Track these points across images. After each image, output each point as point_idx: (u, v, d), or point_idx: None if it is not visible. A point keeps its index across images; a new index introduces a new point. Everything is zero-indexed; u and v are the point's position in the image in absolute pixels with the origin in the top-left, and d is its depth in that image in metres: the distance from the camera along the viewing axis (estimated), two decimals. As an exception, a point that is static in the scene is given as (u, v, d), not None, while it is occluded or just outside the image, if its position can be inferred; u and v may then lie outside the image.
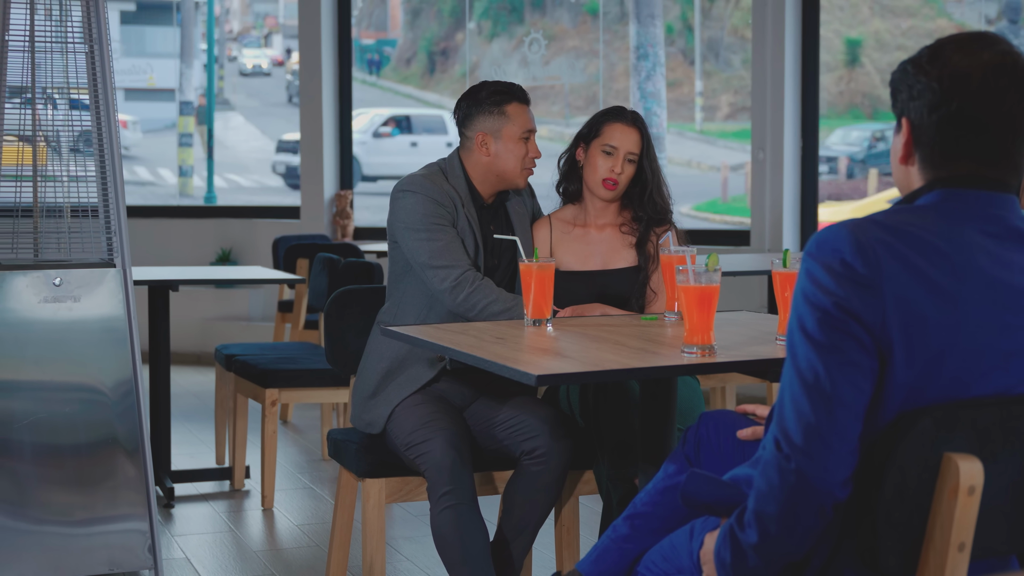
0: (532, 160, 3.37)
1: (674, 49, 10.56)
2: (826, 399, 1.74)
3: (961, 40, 1.84)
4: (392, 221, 3.33)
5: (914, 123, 1.85)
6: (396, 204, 3.31)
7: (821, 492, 1.75)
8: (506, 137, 3.34)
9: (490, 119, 3.34)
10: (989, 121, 1.81)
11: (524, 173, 3.38)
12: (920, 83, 1.83)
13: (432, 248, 3.23)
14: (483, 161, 3.35)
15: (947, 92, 1.81)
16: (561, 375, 2.44)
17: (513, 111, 3.35)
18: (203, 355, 8.11)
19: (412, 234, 3.25)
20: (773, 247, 6.86)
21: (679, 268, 2.61)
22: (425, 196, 3.26)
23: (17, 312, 3.45)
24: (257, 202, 14.85)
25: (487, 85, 3.40)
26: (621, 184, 3.42)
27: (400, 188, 3.32)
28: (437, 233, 3.24)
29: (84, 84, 3.51)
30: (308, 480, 5.08)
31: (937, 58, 1.83)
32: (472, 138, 3.36)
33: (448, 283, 3.21)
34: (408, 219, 3.27)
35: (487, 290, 3.21)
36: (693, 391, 3.36)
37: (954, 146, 1.83)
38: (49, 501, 3.46)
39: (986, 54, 1.81)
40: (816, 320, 1.76)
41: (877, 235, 1.77)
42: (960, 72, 1.81)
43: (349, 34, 8.32)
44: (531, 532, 3.18)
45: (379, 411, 3.26)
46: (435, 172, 3.35)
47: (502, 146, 3.34)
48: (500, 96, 3.35)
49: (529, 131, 3.36)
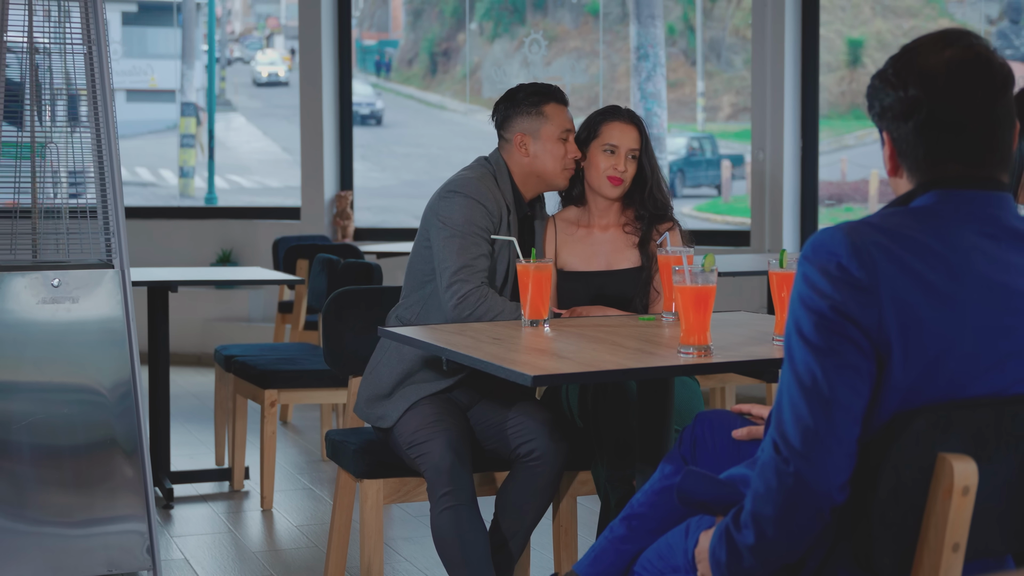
0: (572, 160, 3.37)
1: (676, 49, 10.55)
2: (824, 402, 1.74)
3: (924, 41, 1.83)
4: (430, 217, 3.29)
5: (894, 136, 1.85)
6: (443, 202, 3.26)
7: (819, 496, 1.74)
8: (545, 137, 3.34)
9: (528, 120, 3.34)
10: (964, 118, 1.80)
11: (565, 173, 3.38)
12: (889, 95, 1.83)
13: (460, 259, 3.19)
14: (523, 162, 3.35)
15: (916, 97, 1.80)
16: (557, 375, 2.44)
17: (551, 111, 3.35)
18: (203, 356, 8.12)
19: (447, 232, 3.21)
20: (773, 247, 6.86)
21: (675, 269, 2.61)
22: (476, 201, 3.24)
23: (15, 313, 3.45)
24: (259, 203, 14.86)
25: (524, 87, 3.40)
26: (626, 181, 3.42)
27: (452, 188, 3.27)
28: (470, 243, 3.20)
29: (83, 85, 3.51)
30: (307, 481, 5.08)
31: (901, 66, 1.82)
32: (511, 140, 3.36)
33: (456, 299, 3.16)
34: (450, 218, 3.23)
35: (490, 303, 3.17)
36: (692, 392, 3.36)
37: (936, 150, 1.82)
38: (47, 502, 3.46)
39: (948, 51, 1.80)
40: (813, 324, 1.75)
41: (873, 238, 1.76)
42: (926, 73, 1.80)
43: (349, 35, 8.32)
44: (525, 534, 3.18)
45: (396, 405, 3.23)
46: (486, 175, 3.32)
47: (541, 146, 3.34)
48: (538, 97, 3.36)
49: (568, 131, 3.36)
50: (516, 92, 3.40)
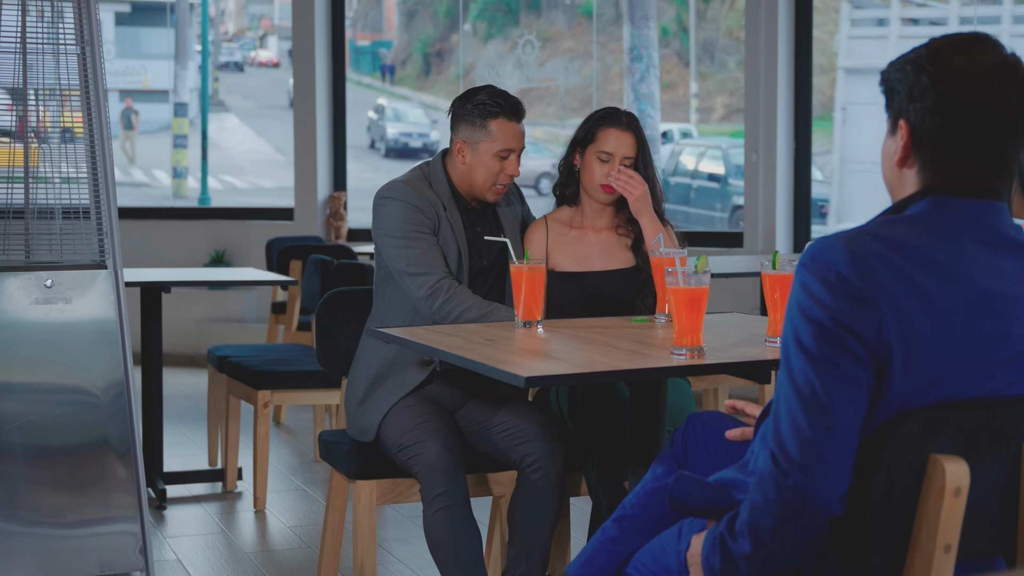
0: (507, 177, 3.32)
1: (669, 51, 10.56)
2: (824, 414, 1.73)
3: (958, 41, 1.81)
4: (374, 228, 3.32)
5: (914, 125, 1.82)
6: (377, 211, 3.30)
7: (818, 508, 1.74)
8: (482, 151, 3.30)
9: (471, 129, 3.31)
10: (990, 126, 1.79)
11: (494, 190, 3.33)
12: (921, 83, 1.80)
13: (409, 255, 3.22)
14: (460, 168, 3.34)
15: (950, 95, 1.78)
16: (550, 377, 2.44)
17: (497, 127, 3.29)
18: (196, 356, 8.11)
19: (391, 241, 3.25)
20: (766, 249, 6.86)
21: (668, 270, 2.62)
22: (405, 203, 3.25)
23: (8, 313, 3.44)
24: (253, 204, 14.85)
25: (481, 93, 3.33)
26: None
27: (381, 195, 3.30)
28: (415, 240, 3.23)
29: (76, 85, 3.51)
30: (300, 482, 5.07)
31: (937, 59, 1.80)
32: (453, 143, 3.36)
33: (424, 291, 3.20)
34: (387, 226, 3.26)
35: (461, 297, 3.19)
36: (684, 393, 3.36)
37: (955, 151, 1.80)
38: (40, 503, 3.46)
39: (988, 56, 1.78)
40: (812, 334, 1.74)
41: (872, 247, 1.75)
42: (963, 75, 1.78)
43: (343, 35, 8.32)
44: (544, 547, 3.11)
45: (369, 419, 3.25)
46: (417, 177, 3.33)
47: (477, 159, 3.31)
48: (487, 109, 3.29)
49: (508, 150, 3.30)
50: (469, 97, 3.33)
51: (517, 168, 3.34)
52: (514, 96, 3.36)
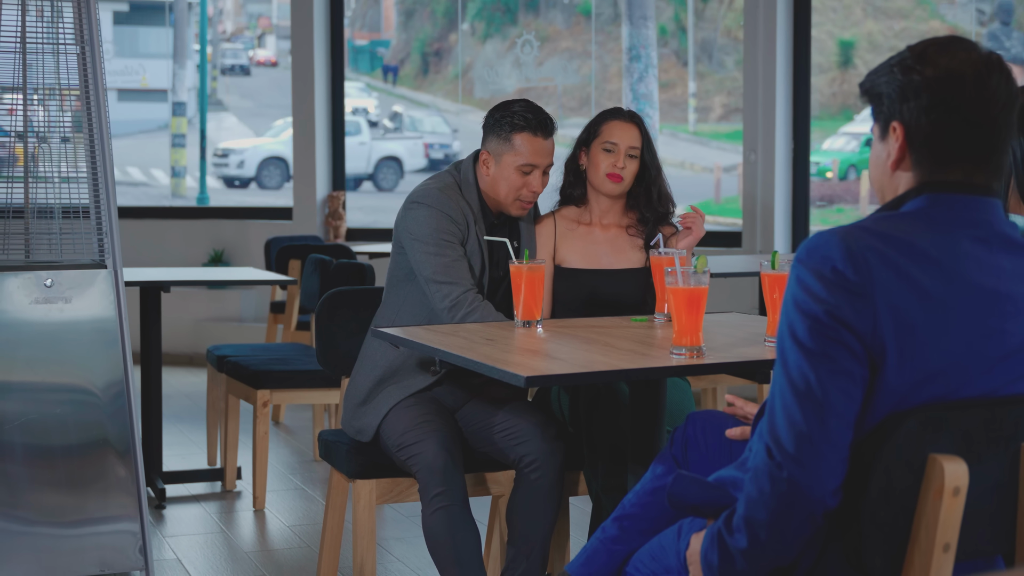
0: (530, 193, 3.32)
1: (667, 50, 10.57)
2: (818, 407, 1.74)
3: (939, 43, 1.83)
4: (400, 229, 3.31)
5: (908, 125, 1.83)
6: (408, 213, 3.28)
7: (813, 500, 1.75)
8: (505, 164, 3.30)
9: (497, 142, 3.32)
10: (983, 120, 1.81)
11: (516, 204, 3.34)
12: (913, 83, 1.81)
13: (437, 263, 3.21)
14: (485, 179, 3.35)
15: (943, 91, 1.80)
16: (550, 376, 2.44)
17: (521, 141, 3.29)
18: (195, 356, 8.11)
19: (420, 246, 3.23)
20: (765, 248, 6.87)
21: (668, 270, 2.62)
22: (439, 211, 3.24)
23: (8, 313, 3.45)
24: (251, 203, 14.86)
25: (515, 105, 3.33)
26: (626, 178, 3.43)
27: (414, 199, 3.29)
28: (445, 249, 3.22)
29: (76, 85, 3.51)
30: (299, 481, 5.08)
31: (924, 59, 1.82)
32: (480, 153, 3.37)
33: (448, 301, 3.19)
34: (418, 231, 3.24)
35: (483, 312, 3.18)
36: (683, 393, 3.37)
37: (950, 147, 1.82)
38: (40, 502, 3.46)
39: (972, 54, 1.81)
40: (807, 328, 1.75)
41: (868, 242, 1.76)
42: (953, 71, 1.80)
43: (342, 35, 8.32)
44: (543, 546, 3.12)
45: (368, 420, 3.26)
46: (450, 185, 3.32)
47: (500, 171, 3.31)
48: (514, 123, 3.30)
49: (531, 165, 3.29)
50: (502, 109, 3.34)
51: (540, 184, 3.33)
52: (546, 112, 3.35)
